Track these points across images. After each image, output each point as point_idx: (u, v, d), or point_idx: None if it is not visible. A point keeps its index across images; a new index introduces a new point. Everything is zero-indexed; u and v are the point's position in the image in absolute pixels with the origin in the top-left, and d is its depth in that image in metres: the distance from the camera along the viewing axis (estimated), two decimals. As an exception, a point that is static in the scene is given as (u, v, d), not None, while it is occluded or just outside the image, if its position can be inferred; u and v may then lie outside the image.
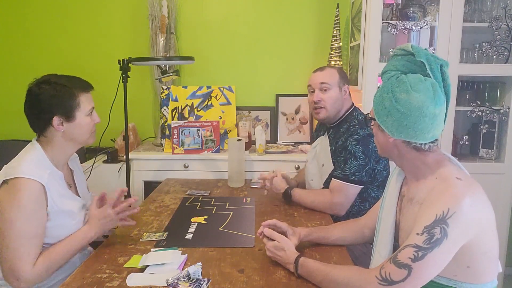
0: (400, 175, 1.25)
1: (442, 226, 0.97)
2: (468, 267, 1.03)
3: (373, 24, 2.32)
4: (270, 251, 1.27)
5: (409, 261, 0.98)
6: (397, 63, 1.14)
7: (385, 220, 1.23)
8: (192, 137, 2.49)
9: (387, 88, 1.11)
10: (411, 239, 1.00)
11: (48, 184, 1.30)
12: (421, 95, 1.06)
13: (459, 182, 1.03)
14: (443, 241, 0.97)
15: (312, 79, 1.87)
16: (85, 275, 1.19)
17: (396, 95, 1.08)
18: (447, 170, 1.09)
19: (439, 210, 0.98)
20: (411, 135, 1.09)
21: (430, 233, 0.97)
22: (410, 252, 0.98)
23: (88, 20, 2.86)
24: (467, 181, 1.05)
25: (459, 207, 0.97)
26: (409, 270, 0.98)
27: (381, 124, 1.13)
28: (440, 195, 1.02)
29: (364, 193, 1.76)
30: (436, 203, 1.01)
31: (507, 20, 2.33)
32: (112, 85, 2.06)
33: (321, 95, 1.82)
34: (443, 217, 0.97)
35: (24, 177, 1.25)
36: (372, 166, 1.73)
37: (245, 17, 2.86)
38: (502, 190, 2.42)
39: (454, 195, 1.00)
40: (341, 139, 1.78)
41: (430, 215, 0.99)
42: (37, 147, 1.37)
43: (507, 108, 2.40)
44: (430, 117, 1.06)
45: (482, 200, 1.03)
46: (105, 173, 2.52)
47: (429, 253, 0.97)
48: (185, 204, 1.87)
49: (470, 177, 1.09)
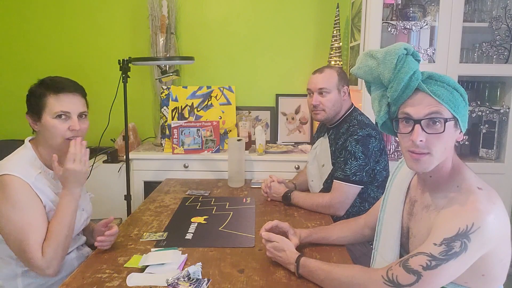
0: (405, 179, 1.21)
1: (464, 240, 0.93)
2: (483, 275, 1.00)
3: (373, 24, 2.32)
4: (270, 252, 1.27)
5: (420, 268, 0.95)
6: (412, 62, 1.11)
7: (389, 224, 1.20)
8: (192, 137, 2.49)
9: (454, 82, 1.03)
10: (427, 247, 0.97)
11: (37, 183, 1.29)
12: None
13: (480, 192, 0.99)
14: (461, 254, 0.93)
15: (310, 83, 1.87)
16: (85, 275, 1.19)
17: (454, 85, 1.02)
18: (467, 178, 1.04)
19: (462, 224, 0.94)
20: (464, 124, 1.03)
21: (449, 246, 0.94)
22: (423, 260, 0.95)
23: (88, 20, 2.86)
24: (487, 191, 1.00)
25: (484, 223, 0.93)
26: (418, 277, 0.95)
27: (462, 120, 1.02)
28: (463, 207, 0.97)
29: (364, 193, 1.76)
30: (459, 215, 0.96)
31: (507, 20, 2.33)
32: (112, 85, 2.06)
33: (320, 99, 1.82)
34: (466, 232, 0.93)
35: (9, 174, 1.25)
36: (372, 166, 1.73)
37: (245, 17, 2.86)
38: (502, 190, 2.41)
39: (478, 210, 0.94)
40: (341, 140, 1.79)
41: (452, 228, 0.95)
42: (27, 147, 1.37)
43: (507, 108, 2.40)
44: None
45: (503, 210, 0.98)
46: (105, 173, 2.52)
47: (443, 264, 0.93)
48: (185, 204, 1.87)
49: (486, 184, 1.04)
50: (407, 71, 1.02)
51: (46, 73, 1.46)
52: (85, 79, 1.46)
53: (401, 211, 1.18)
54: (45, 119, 1.32)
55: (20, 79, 2.85)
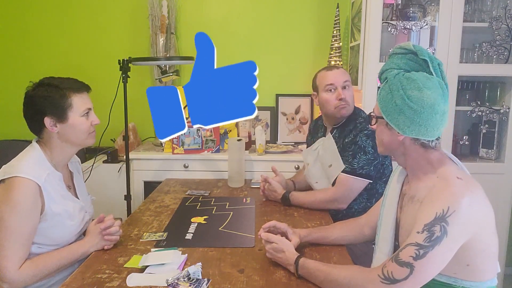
0: (401, 174, 1.26)
1: (442, 224, 0.98)
2: (468, 265, 1.04)
3: (373, 24, 2.32)
4: (269, 253, 1.27)
5: (411, 260, 0.99)
6: (398, 62, 1.14)
7: (386, 218, 1.24)
8: (192, 137, 2.49)
9: (396, 85, 1.09)
10: (412, 237, 1.01)
11: (46, 184, 1.30)
12: (432, 92, 1.06)
13: (459, 181, 1.04)
14: (443, 239, 0.97)
15: (332, 78, 1.81)
16: (85, 275, 1.19)
17: (408, 92, 1.07)
18: (448, 169, 1.10)
19: (439, 209, 0.99)
20: (422, 132, 1.08)
21: (430, 231, 0.98)
22: (412, 251, 0.99)
23: (88, 20, 2.86)
24: (467, 181, 1.06)
25: (458, 205, 0.99)
26: (411, 269, 0.98)
27: (391, 122, 1.11)
28: (439, 193, 1.03)
29: (372, 189, 1.76)
30: (436, 201, 1.02)
31: (507, 20, 2.33)
32: (112, 85, 2.06)
33: (345, 92, 1.80)
34: (443, 215, 0.98)
35: (20, 177, 1.25)
36: (381, 161, 1.74)
37: (245, 17, 2.86)
38: (502, 190, 2.42)
39: (453, 194, 1.01)
40: (350, 137, 1.78)
41: (430, 213, 1.00)
42: (36, 148, 1.37)
43: (507, 108, 2.40)
44: (440, 114, 1.07)
45: (481, 199, 1.04)
46: (105, 173, 2.52)
47: (430, 251, 0.98)
48: (185, 204, 1.87)
49: (470, 176, 1.10)
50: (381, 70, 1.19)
51: (46, 73, 1.46)
52: (85, 79, 1.46)
53: (396, 205, 1.22)
54: (73, 118, 1.37)
55: (20, 79, 2.84)
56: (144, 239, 1.46)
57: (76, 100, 1.37)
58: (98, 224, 1.38)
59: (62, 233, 1.36)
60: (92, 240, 1.36)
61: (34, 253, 1.31)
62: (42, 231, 1.31)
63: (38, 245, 1.32)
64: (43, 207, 1.30)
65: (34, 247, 1.31)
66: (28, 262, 1.26)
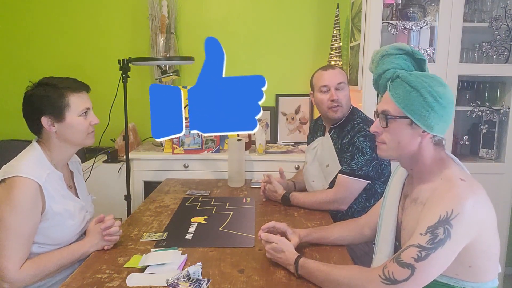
0: (402, 175, 1.25)
1: (446, 227, 0.97)
2: (469, 266, 1.04)
3: (373, 24, 2.32)
4: (269, 253, 1.27)
5: (412, 261, 0.98)
6: (399, 61, 1.14)
7: (387, 219, 1.23)
8: (192, 137, 2.49)
9: (419, 83, 1.06)
10: (414, 239, 1.01)
11: (46, 184, 1.30)
12: (449, 88, 1.08)
13: (462, 183, 1.04)
14: (446, 241, 0.97)
15: (326, 79, 1.81)
16: (85, 275, 1.19)
17: (435, 88, 1.06)
18: (451, 171, 1.09)
19: (442, 211, 0.99)
20: (444, 129, 1.09)
21: (433, 234, 0.98)
22: (414, 252, 0.99)
23: (88, 20, 2.86)
24: (470, 182, 1.06)
25: (462, 208, 0.98)
26: (412, 270, 0.98)
27: (418, 120, 1.06)
28: (443, 196, 1.02)
29: (371, 189, 1.76)
30: (440, 203, 1.01)
31: (507, 20, 2.33)
32: (112, 85, 2.06)
33: (338, 94, 1.81)
34: (446, 218, 0.98)
35: (21, 176, 1.25)
36: (379, 161, 1.74)
37: (245, 17, 2.86)
38: (502, 190, 2.42)
39: (457, 196, 1.00)
40: (347, 137, 1.78)
41: (434, 216, 1.00)
42: (36, 148, 1.37)
43: (507, 108, 2.40)
44: (454, 110, 1.10)
45: (484, 200, 1.03)
46: (105, 173, 2.52)
47: (432, 253, 0.97)
48: (185, 204, 1.87)
49: (472, 178, 1.09)
50: (378, 70, 1.15)
51: (46, 73, 1.46)
52: (85, 79, 1.46)
53: (397, 206, 1.22)
54: (71, 118, 1.36)
55: (20, 79, 2.84)
56: (144, 239, 1.46)
57: (73, 99, 1.36)
58: (98, 224, 1.38)
59: (63, 232, 1.36)
60: (92, 240, 1.36)
61: (35, 253, 1.31)
62: (43, 231, 1.31)
63: (39, 244, 1.32)
64: (44, 206, 1.30)
65: (34, 246, 1.31)
66: (29, 262, 1.26)
